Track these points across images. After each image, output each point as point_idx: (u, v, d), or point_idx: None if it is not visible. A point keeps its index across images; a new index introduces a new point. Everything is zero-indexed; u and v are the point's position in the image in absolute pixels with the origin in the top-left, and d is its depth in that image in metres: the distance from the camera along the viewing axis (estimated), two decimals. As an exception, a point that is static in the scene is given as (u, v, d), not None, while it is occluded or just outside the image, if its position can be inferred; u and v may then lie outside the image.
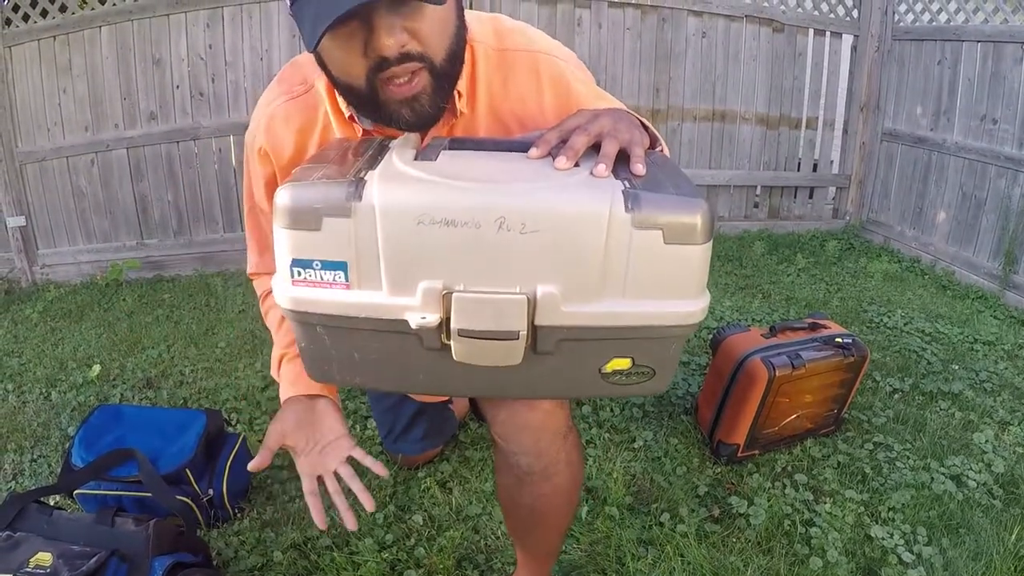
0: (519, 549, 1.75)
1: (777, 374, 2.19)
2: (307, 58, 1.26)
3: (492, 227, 0.92)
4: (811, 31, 4.72)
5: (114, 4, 3.97)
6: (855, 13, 4.72)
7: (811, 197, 5.11)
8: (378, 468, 1.32)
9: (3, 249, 4.34)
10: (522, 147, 1.08)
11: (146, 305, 3.88)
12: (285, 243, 0.98)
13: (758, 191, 4.99)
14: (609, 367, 1.07)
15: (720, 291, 3.89)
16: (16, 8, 3.96)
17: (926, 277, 4.19)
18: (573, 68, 1.33)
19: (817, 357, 2.28)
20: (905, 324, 3.45)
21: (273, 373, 1.46)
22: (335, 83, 1.15)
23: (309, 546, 2.03)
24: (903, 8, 4.56)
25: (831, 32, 4.74)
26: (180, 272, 4.38)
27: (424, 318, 0.97)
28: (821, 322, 2.48)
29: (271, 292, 1.32)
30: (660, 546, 2.01)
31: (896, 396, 2.81)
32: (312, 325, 1.05)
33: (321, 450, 1.33)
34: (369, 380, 1.16)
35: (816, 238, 4.86)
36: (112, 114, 4.16)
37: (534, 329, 0.99)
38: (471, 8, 4.07)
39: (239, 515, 2.17)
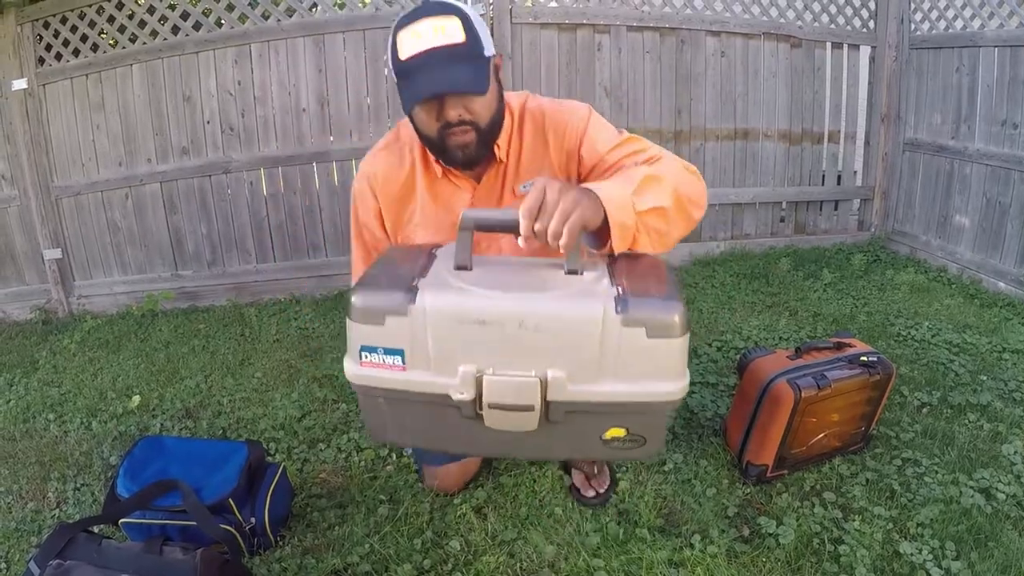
0: None
1: (803, 395, 2.21)
2: (404, 127, 1.82)
3: (514, 326, 1.24)
4: (829, 44, 4.75)
5: (144, 43, 4.09)
6: (871, 24, 4.75)
7: (836, 210, 5.11)
8: None
9: (40, 280, 4.46)
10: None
11: (182, 335, 3.96)
12: (355, 333, 1.31)
13: (783, 207, 5.01)
14: (608, 435, 1.36)
15: (747, 310, 3.91)
16: (49, 47, 4.08)
17: (953, 287, 4.18)
18: (581, 118, 1.81)
19: (843, 377, 2.29)
20: (932, 336, 3.44)
21: None
22: (419, 134, 1.71)
23: (349, 572, 2.08)
24: (919, 17, 4.57)
25: (848, 44, 4.77)
26: (214, 302, 4.47)
27: (462, 394, 1.27)
28: (846, 341, 2.49)
29: None
30: (691, 567, 2.03)
31: (924, 410, 2.81)
32: (375, 397, 1.36)
33: None
34: (418, 441, 1.53)
35: (842, 251, 4.87)
36: (145, 149, 4.27)
37: (547, 403, 1.28)
38: (492, 36, 4.15)
39: (280, 542, 2.22)
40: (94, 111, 4.22)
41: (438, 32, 1.54)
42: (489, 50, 1.62)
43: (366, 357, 1.30)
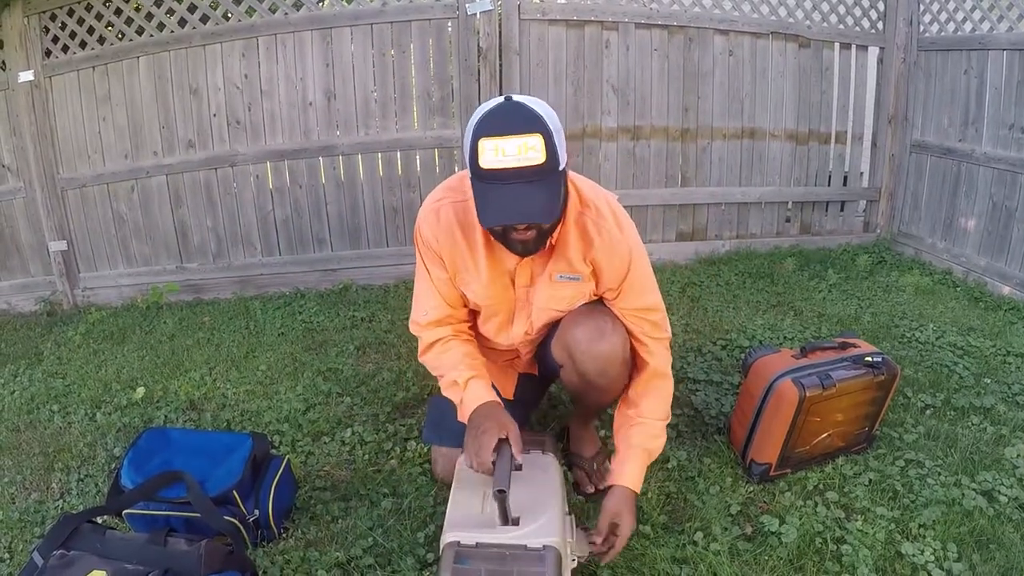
0: (576, 405, 2.45)
1: (807, 394, 2.21)
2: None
3: None
4: (837, 45, 4.73)
5: (151, 36, 4.09)
6: (880, 25, 4.73)
7: (842, 211, 5.10)
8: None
9: (45, 272, 4.46)
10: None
11: (187, 328, 3.97)
12: None
13: (789, 206, 5.00)
14: None
15: (752, 309, 3.90)
16: (55, 40, 4.08)
17: (958, 289, 4.18)
18: (624, 264, 1.96)
19: (847, 377, 2.29)
20: (937, 338, 3.43)
21: (451, 392, 2.04)
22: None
23: (352, 565, 2.09)
24: (928, 19, 4.56)
25: (857, 45, 4.75)
26: (219, 295, 4.48)
27: None
28: (851, 341, 2.49)
29: (430, 345, 2.12)
30: (694, 564, 2.04)
31: (928, 412, 2.81)
32: None
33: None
34: None
35: (847, 252, 4.86)
36: (151, 142, 4.28)
37: None
38: (501, 59, 4.26)
39: (284, 535, 2.23)
40: (100, 103, 4.22)
41: (521, 152, 1.61)
42: (563, 161, 1.70)
43: None
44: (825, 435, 2.36)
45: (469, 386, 1.99)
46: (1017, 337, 3.45)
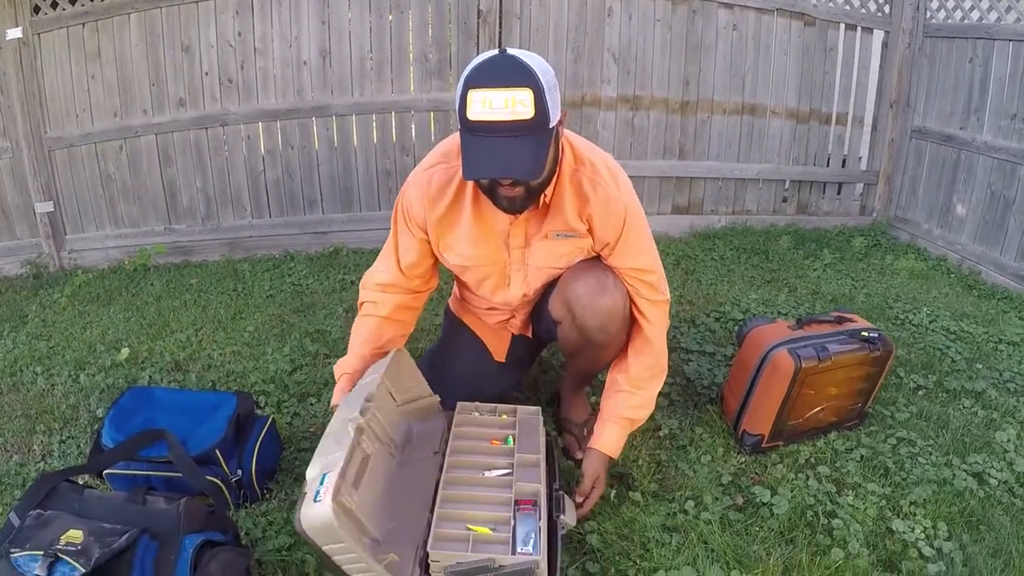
0: (568, 368, 2.43)
1: (803, 366, 2.19)
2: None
3: None
4: (842, 26, 4.68)
5: (143, -9, 4.00)
6: (887, 9, 4.68)
7: (839, 193, 5.08)
8: None
9: (31, 234, 4.38)
10: None
11: (174, 290, 3.92)
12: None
13: (787, 185, 4.98)
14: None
15: (746, 283, 3.89)
16: (45, -5, 3.99)
17: (952, 276, 4.17)
18: (620, 221, 1.94)
19: (843, 350, 2.27)
20: (930, 322, 3.43)
21: (336, 375, 2.10)
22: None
23: (335, 527, 2.06)
24: (935, 5, 4.52)
25: (862, 27, 4.71)
26: (207, 257, 4.42)
27: None
28: (847, 316, 2.47)
29: (361, 304, 2.17)
30: (684, 532, 2.03)
31: (920, 393, 2.80)
32: None
33: None
34: None
35: (843, 234, 4.84)
36: (141, 100, 4.19)
37: None
38: (501, 23, 4.22)
39: (267, 496, 2.20)
40: (90, 61, 4.12)
41: (509, 106, 1.60)
42: (555, 118, 1.68)
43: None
44: (819, 408, 2.35)
45: (339, 382, 2.06)
46: (1009, 325, 3.45)
